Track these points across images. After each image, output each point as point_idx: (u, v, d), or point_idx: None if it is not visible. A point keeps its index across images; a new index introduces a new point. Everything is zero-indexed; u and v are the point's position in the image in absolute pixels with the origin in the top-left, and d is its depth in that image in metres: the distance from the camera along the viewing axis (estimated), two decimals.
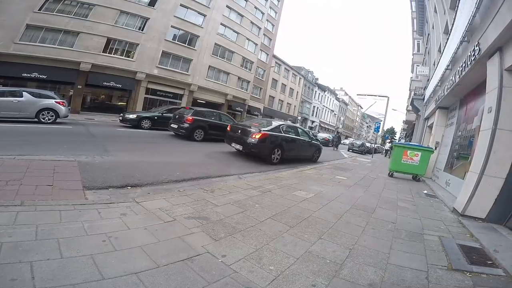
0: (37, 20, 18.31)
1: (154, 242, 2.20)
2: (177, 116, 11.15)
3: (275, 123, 8.64)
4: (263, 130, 7.67)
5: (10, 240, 1.87)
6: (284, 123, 9.49)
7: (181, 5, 24.67)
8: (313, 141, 10.10)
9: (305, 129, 11.45)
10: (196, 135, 10.48)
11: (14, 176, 3.21)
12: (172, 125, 11.06)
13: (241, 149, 7.85)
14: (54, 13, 18.84)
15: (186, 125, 10.32)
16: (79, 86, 19.28)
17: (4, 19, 17.07)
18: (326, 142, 24.60)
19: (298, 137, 9.10)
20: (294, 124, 10.90)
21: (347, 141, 36.60)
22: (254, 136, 7.49)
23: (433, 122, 11.81)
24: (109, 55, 20.80)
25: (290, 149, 8.57)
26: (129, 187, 3.66)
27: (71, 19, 19.29)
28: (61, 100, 10.29)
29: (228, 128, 8.85)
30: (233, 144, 8.20)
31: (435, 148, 9.91)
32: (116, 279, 1.65)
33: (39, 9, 18.42)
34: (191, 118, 10.34)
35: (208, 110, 12.30)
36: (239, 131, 8.11)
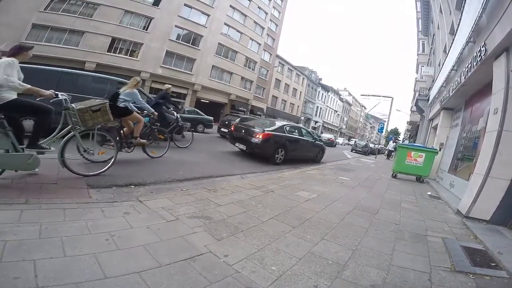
0: (43, 19, 18.50)
1: (156, 241, 2.21)
2: (226, 122, 12.93)
3: (279, 123, 8.65)
4: (267, 130, 7.69)
5: (14, 238, 1.88)
6: (288, 123, 9.53)
7: (185, 4, 24.80)
8: (316, 142, 10.10)
9: (309, 130, 11.51)
10: None
11: (19, 174, 3.23)
12: (222, 129, 12.94)
13: (244, 148, 7.86)
14: (60, 13, 19.03)
15: None
16: None
17: (10, 19, 17.25)
18: (330, 143, 24.61)
19: (301, 137, 9.10)
20: (298, 125, 10.94)
21: (340, 140, 38.04)
22: (257, 136, 7.51)
23: (437, 123, 11.73)
24: (114, 54, 20.97)
25: (294, 149, 8.56)
26: (132, 186, 3.67)
27: (76, 19, 19.47)
28: None
29: (232, 128, 8.90)
30: (237, 144, 8.22)
31: (440, 149, 9.83)
32: (119, 278, 1.66)
33: (45, 9, 18.61)
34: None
35: (250, 117, 14.54)
36: (243, 131, 8.12)
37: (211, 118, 14.80)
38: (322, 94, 55.35)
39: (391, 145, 22.81)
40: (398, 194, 6.16)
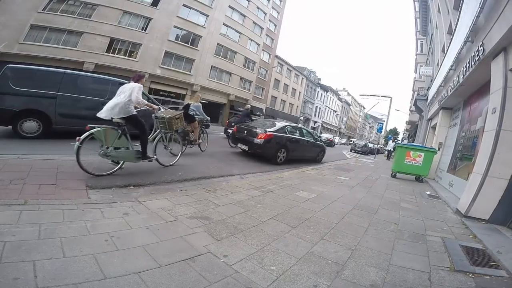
0: (41, 20, 18.45)
1: (156, 242, 2.21)
2: (233, 123, 12.95)
3: (280, 124, 8.75)
4: (269, 131, 7.77)
5: (13, 239, 1.88)
6: (289, 124, 9.61)
7: (183, 5, 24.78)
8: (317, 142, 10.20)
9: (309, 130, 11.59)
10: None
11: (17, 175, 3.23)
12: (228, 130, 12.79)
13: (247, 149, 7.94)
14: (58, 13, 19.00)
15: None
16: None
17: (9, 19, 17.21)
18: (329, 143, 24.65)
19: (302, 138, 9.19)
20: (299, 125, 11.00)
21: (336, 140, 33.34)
22: (260, 137, 7.60)
23: (436, 123, 11.75)
24: (112, 55, 20.93)
25: (295, 150, 8.65)
26: (131, 187, 3.66)
27: (75, 19, 19.43)
28: None
29: (234, 129, 8.99)
30: (239, 145, 8.31)
31: (438, 149, 9.85)
32: (118, 279, 1.66)
33: (43, 9, 18.58)
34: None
35: (255, 119, 15.12)
36: (245, 131, 8.18)
37: (209, 118, 14.82)
38: (321, 94, 55.38)
39: (390, 145, 21.41)
40: (397, 193, 6.17)
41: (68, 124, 6.27)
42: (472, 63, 5.76)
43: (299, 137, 9.00)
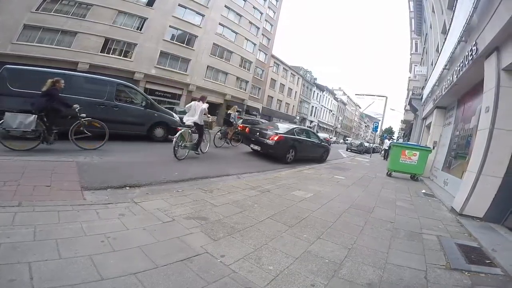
0: (35, 20, 18.23)
1: (152, 243, 2.20)
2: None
3: (289, 126, 9.51)
4: (279, 133, 8.30)
5: (8, 241, 1.86)
6: (297, 126, 10.31)
7: (179, 5, 24.63)
8: (322, 143, 10.84)
9: (315, 132, 11.93)
10: None
11: (11, 177, 3.19)
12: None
13: (259, 149, 8.50)
14: (52, 13, 18.78)
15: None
16: None
17: (1, 19, 16.97)
18: (326, 142, 24.83)
19: (309, 139, 9.79)
20: (305, 127, 11.45)
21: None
22: (271, 138, 8.17)
23: (431, 122, 11.85)
24: (107, 55, 20.74)
25: (302, 150, 9.22)
26: (127, 188, 3.64)
27: (69, 19, 19.22)
28: None
29: (246, 131, 9.76)
30: (251, 145, 8.87)
31: (433, 148, 9.94)
32: (115, 280, 1.65)
33: (37, 9, 18.35)
34: (242, 125, 12.61)
35: (255, 119, 15.75)
36: (257, 133, 8.76)
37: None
38: (317, 93, 55.53)
39: (387, 144, 19.90)
40: (393, 192, 6.22)
41: (64, 125, 6.19)
42: (466, 63, 5.82)
43: (306, 138, 9.53)
